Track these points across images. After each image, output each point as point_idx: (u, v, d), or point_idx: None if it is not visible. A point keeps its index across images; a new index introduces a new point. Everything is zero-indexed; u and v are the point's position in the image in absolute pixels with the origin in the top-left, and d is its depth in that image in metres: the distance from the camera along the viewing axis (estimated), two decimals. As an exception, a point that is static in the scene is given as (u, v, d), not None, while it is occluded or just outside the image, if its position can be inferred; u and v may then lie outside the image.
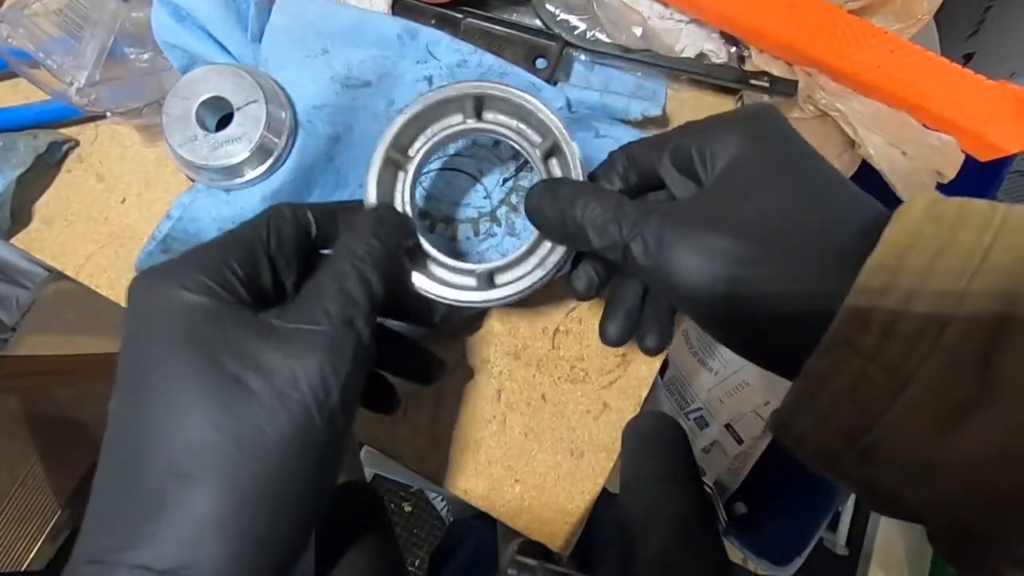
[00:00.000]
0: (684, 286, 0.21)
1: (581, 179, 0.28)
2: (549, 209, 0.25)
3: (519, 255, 0.28)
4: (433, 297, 0.28)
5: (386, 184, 0.28)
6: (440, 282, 0.28)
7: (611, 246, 0.23)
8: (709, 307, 0.21)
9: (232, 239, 0.23)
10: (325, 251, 0.26)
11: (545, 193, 0.26)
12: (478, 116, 0.29)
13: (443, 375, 0.31)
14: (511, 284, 0.28)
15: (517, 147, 0.29)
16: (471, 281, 0.28)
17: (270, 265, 0.23)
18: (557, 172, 0.29)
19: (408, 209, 0.28)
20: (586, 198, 0.24)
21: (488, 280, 0.28)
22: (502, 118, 0.29)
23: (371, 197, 0.28)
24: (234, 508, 0.18)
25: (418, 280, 0.28)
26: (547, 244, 0.28)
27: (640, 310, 0.28)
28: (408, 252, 0.28)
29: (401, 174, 0.29)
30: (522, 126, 0.29)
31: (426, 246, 0.28)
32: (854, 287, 0.17)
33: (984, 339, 0.16)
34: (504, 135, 0.29)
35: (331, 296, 0.22)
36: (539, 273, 0.28)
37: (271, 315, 0.21)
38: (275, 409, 0.19)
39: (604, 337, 0.28)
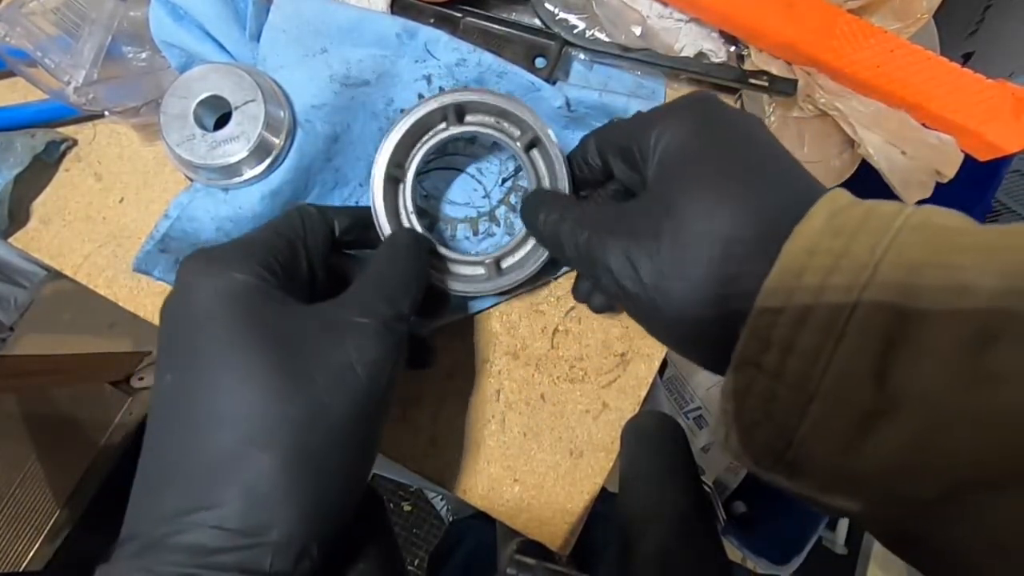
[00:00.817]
0: (611, 289, 0.23)
1: (562, 167, 0.31)
2: (527, 220, 0.30)
3: (519, 239, 0.31)
4: (453, 292, 0.31)
5: (390, 197, 0.31)
6: (453, 277, 0.31)
7: (557, 253, 0.26)
8: (633, 311, 0.23)
9: (274, 232, 0.25)
10: (349, 251, 0.29)
11: (523, 205, 0.30)
12: (460, 120, 0.32)
13: (435, 361, 0.33)
14: (517, 269, 0.31)
15: (500, 142, 0.32)
16: (481, 271, 0.31)
17: (306, 259, 0.26)
18: (540, 162, 0.32)
19: (412, 216, 0.31)
20: (543, 209, 0.28)
21: (496, 268, 0.31)
22: (482, 118, 0.32)
23: (380, 212, 0.30)
24: (301, 475, 0.20)
25: (436, 279, 0.31)
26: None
27: None
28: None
29: (401, 186, 0.31)
30: (503, 123, 0.32)
31: (441, 249, 0.31)
32: (754, 307, 0.18)
33: (877, 352, 0.16)
34: (487, 134, 0.32)
35: (383, 296, 0.24)
36: (540, 251, 0.31)
37: (327, 305, 0.24)
38: (335, 389, 0.21)
39: (574, 293, 0.33)
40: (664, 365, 0.88)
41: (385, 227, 0.30)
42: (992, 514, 0.15)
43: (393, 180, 0.31)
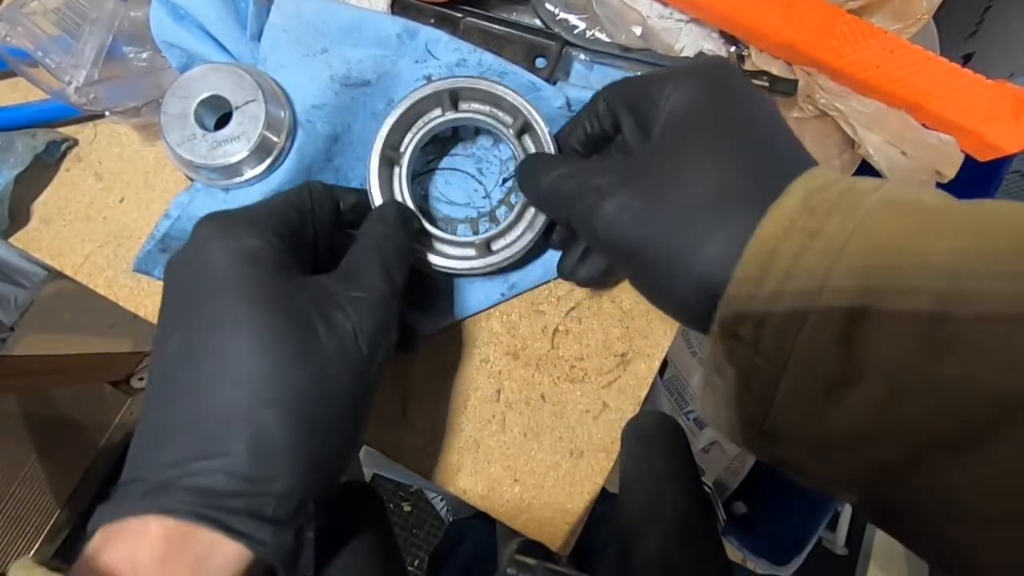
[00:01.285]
0: (605, 242, 0.24)
1: (551, 150, 0.31)
2: (525, 183, 0.30)
3: (509, 221, 0.32)
4: (441, 269, 0.32)
5: (385, 179, 0.31)
6: (442, 255, 0.32)
7: (556, 210, 0.26)
8: (624, 266, 0.24)
9: (286, 203, 0.26)
10: (351, 230, 0.29)
11: (521, 168, 0.30)
12: (455, 107, 0.32)
13: (418, 346, 0.34)
14: (507, 248, 0.32)
15: (492, 128, 0.32)
16: (471, 251, 0.32)
17: (312, 231, 0.27)
18: (531, 146, 0.33)
19: (408, 198, 0.31)
20: (542, 170, 0.27)
21: (486, 248, 0.32)
22: (476, 106, 0.33)
23: (375, 191, 0.31)
24: (304, 435, 0.21)
25: (423, 258, 0.31)
26: (531, 210, 0.32)
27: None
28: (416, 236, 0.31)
29: (396, 168, 0.32)
30: (495, 111, 0.33)
31: (428, 227, 0.31)
32: (731, 279, 0.19)
33: (843, 326, 0.17)
34: (479, 120, 0.32)
35: (379, 273, 0.26)
36: (529, 235, 0.32)
37: (326, 278, 0.25)
38: (339, 359, 0.23)
39: (559, 271, 0.33)
40: (664, 366, 0.88)
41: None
42: (949, 474, 0.16)
43: (388, 162, 0.32)
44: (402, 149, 0.32)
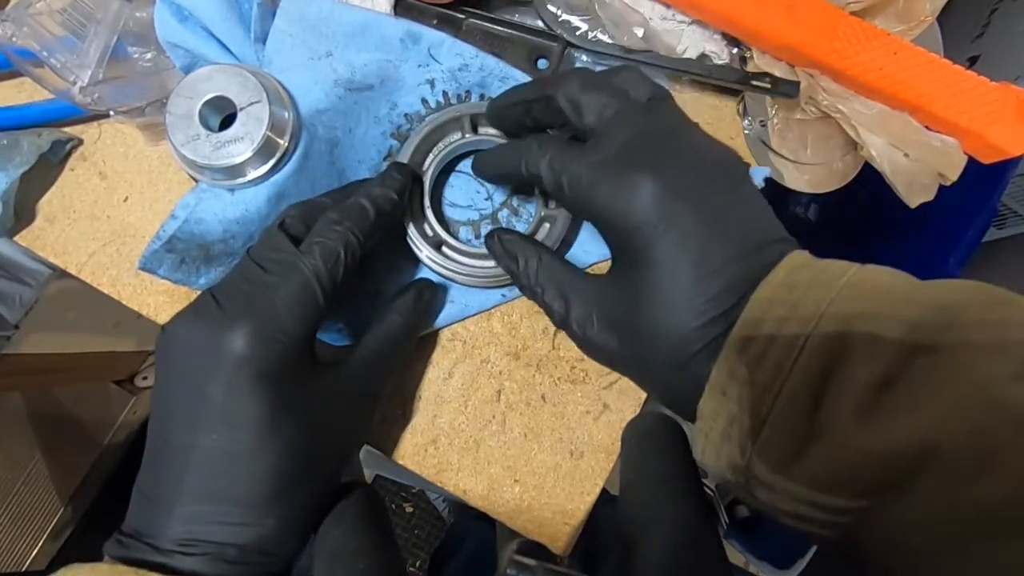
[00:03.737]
0: (597, 351, 0.27)
1: None
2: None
3: (532, 229, 0.33)
4: (460, 280, 0.33)
5: (409, 196, 0.32)
6: (458, 264, 0.33)
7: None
8: (620, 369, 0.27)
9: (300, 292, 0.26)
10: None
11: (499, 252, 0.31)
12: (475, 131, 0.34)
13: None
14: None
15: None
16: (491, 263, 0.33)
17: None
18: None
19: (430, 213, 0.33)
20: (529, 273, 0.29)
21: None
22: (493, 130, 0.34)
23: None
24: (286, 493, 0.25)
25: (441, 262, 0.33)
26: (546, 225, 0.33)
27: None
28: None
29: (419, 186, 0.33)
30: None
31: (450, 239, 0.33)
32: (723, 348, 0.21)
33: (813, 390, 0.20)
34: (496, 143, 0.34)
35: (389, 380, 0.32)
36: (550, 241, 0.33)
37: (331, 377, 0.28)
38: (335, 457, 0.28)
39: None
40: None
41: (406, 222, 0.32)
42: (887, 516, 0.19)
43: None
44: (425, 167, 0.34)
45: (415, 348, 0.34)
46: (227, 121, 0.30)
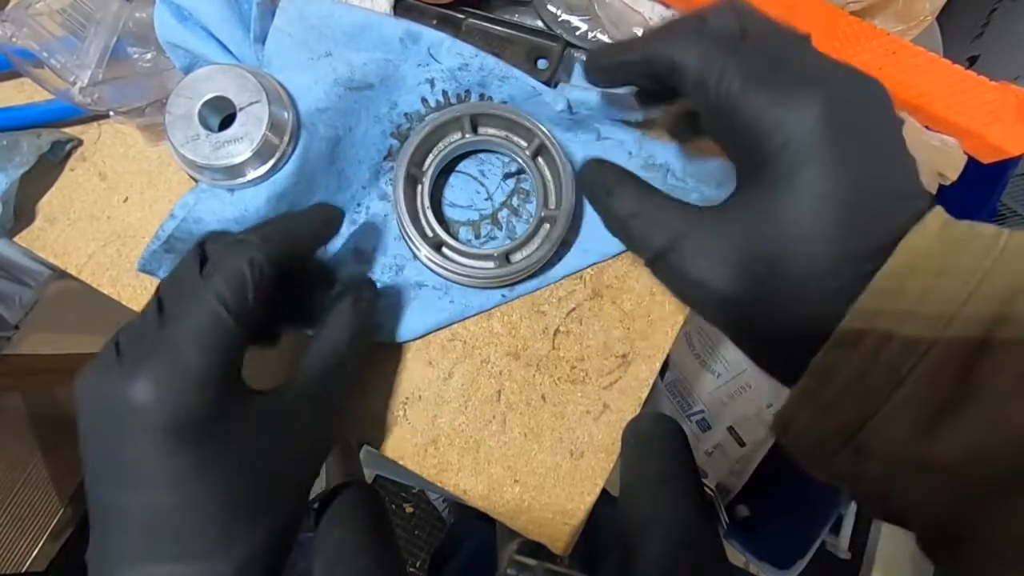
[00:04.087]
0: (704, 292, 0.22)
1: (568, 172, 0.33)
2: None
3: (526, 235, 0.33)
4: (462, 281, 0.33)
5: (409, 196, 0.33)
6: (460, 265, 0.33)
7: (645, 252, 0.24)
8: (723, 315, 0.22)
9: (209, 340, 0.24)
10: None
11: (591, 179, 0.26)
12: (475, 131, 0.34)
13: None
14: (525, 259, 0.33)
15: (508, 152, 0.34)
16: (490, 263, 0.33)
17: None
18: (545, 169, 0.34)
19: (427, 212, 0.33)
20: (615, 203, 0.24)
21: (505, 259, 0.33)
22: (493, 131, 0.34)
23: (400, 207, 0.32)
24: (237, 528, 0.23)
25: (440, 262, 0.33)
26: (546, 225, 0.34)
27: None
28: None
29: (419, 186, 0.34)
30: (511, 135, 0.34)
31: (451, 241, 0.33)
32: (863, 295, 0.19)
33: (968, 352, 0.17)
34: (497, 144, 0.34)
35: (320, 408, 0.28)
36: (547, 246, 0.33)
37: (270, 409, 0.26)
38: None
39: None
40: (665, 368, 0.88)
41: (406, 222, 0.32)
42: None
43: (412, 180, 0.33)
44: (425, 167, 0.34)
45: (421, 347, 0.34)
46: (227, 121, 0.30)
